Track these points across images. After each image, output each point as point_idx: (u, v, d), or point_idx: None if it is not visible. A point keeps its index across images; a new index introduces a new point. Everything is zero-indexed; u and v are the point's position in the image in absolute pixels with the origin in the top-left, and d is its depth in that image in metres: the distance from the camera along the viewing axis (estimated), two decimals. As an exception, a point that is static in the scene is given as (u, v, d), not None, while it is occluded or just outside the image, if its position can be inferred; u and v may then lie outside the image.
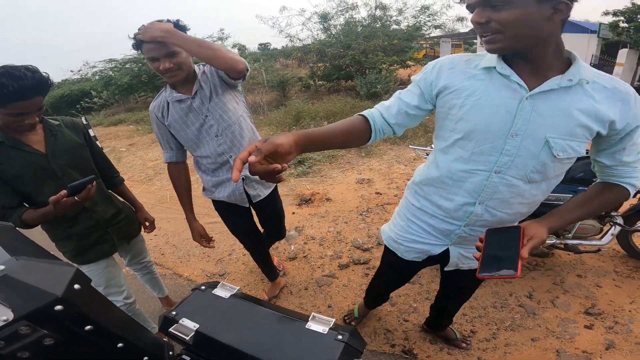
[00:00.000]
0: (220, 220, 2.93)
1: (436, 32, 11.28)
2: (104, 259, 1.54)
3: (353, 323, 2.03)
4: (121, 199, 1.71)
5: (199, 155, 1.60)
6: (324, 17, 9.73)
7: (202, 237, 1.79)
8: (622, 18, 10.88)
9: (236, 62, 1.36)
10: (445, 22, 10.31)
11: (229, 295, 0.84)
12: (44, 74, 1.17)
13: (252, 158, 0.66)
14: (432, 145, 2.29)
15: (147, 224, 1.79)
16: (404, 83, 10.01)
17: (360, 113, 1.03)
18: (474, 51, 21.62)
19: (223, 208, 1.78)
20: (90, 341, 0.52)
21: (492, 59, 0.89)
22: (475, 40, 21.10)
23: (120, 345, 0.59)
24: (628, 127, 0.85)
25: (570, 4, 0.76)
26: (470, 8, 0.82)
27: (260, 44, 30.17)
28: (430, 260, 1.25)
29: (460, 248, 1.16)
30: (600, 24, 12.33)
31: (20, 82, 1.07)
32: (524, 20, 0.76)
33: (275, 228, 2.07)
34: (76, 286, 0.48)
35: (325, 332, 0.71)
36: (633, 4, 10.51)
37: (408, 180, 3.72)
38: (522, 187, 0.94)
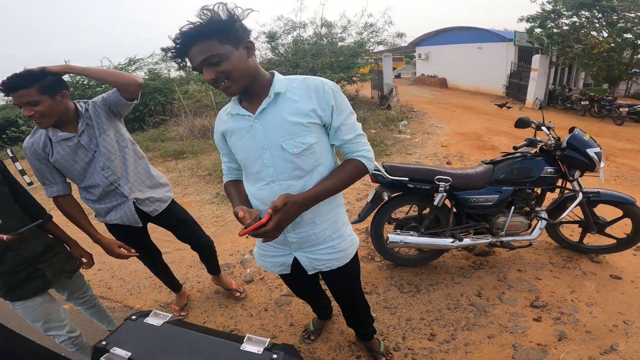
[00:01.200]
0: (169, 251, 2.79)
1: (379, 48, 11.97)
2: (38, 295, 1.48)
3: (312, 337, 2.04)
4: (52, 236, 1.62)
5: (87, 186, 1.65)
6: (272, 37, 9.87)
7: (120, 247, 1.72)
8: (535, 24, 12.05)
9: (135, 79, 1.58)
10: (387, 38, 10.95)
11: (162, 322, 0.83)
12: None
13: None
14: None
15: (84, 260, 1.70)
16: (351, 99, 10.40)
17: (226, 181, 1.37)
18: (414, 64, 23.08)
19: (117, 231, 1.83)
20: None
21: (230, 106, 1.15)
22: (414, 54, 22.30)
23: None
24: (326, 110, 1.09)
25: (253, 43, 1.05)
26: (198, 70, 0.99)
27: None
28: (296, 270, 1.34)
29: (304, 252, 1.28)
30: (515, 31, 13.48)
31: None
32: (237, 64, 0.99)
33: (189, 235, 2.10)
34: None
35: (260, 353, 0.72)
36: (543, 9, 11.85)
37: (358, 194, 3.98)
38: (296, 184, 1.12)
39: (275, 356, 0.71)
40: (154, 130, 8.67)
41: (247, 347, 0.73)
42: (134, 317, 0.85)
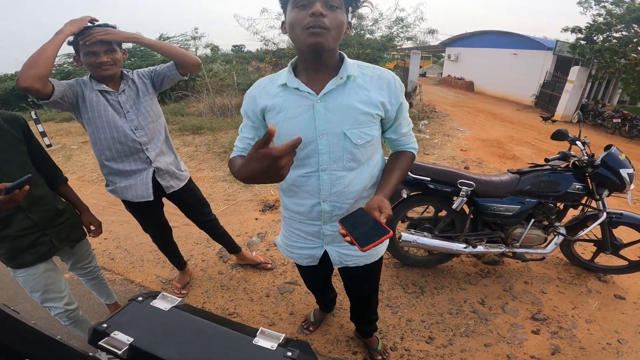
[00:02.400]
0: (177, 225, 2.81)
1: (408, 44, 11.61)
2: (41, 262, 1.44)
3: (311, 328, 2.03)
4: (64, 200, 1.60)
5: (112, 139, 1.62)
6: (302, 22, 9.72)
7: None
8: (581, 35, 11.47)
9: (196, 59, 1.71)
10: (417, 34, 10.61)
11: (170, 307, 0.77)
12: None
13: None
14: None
15: (92, 227, 1.70)
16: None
17: (233, 156, 1.17)
18: (442, 64, 22.51)
19: (133, 207, 1.86)
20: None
21: (283, 76, 1.03)
22: (443, 54, 21.75)
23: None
24: (394, 105, 1.05)
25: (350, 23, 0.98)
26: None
27: (235, 46, 29.57)
28: (323, 262, 1.30)
29: (336, 247, 1.24)
30: (557, 41, 12.90)
31: None
32: (343, 26, 0.93)
33: (196, 215, 2.14)
34: None
35: (274, 349, 0.67)
36: (594, 21, 11.26)
37: None
38: (348, 176, 1.08)
39: (289, 354, 0.66)
40: (175, 104, 8.75)
41: (259, 341, 0.68)
42: (140, 298, 0.79)
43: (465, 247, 2.27)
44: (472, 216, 2.31)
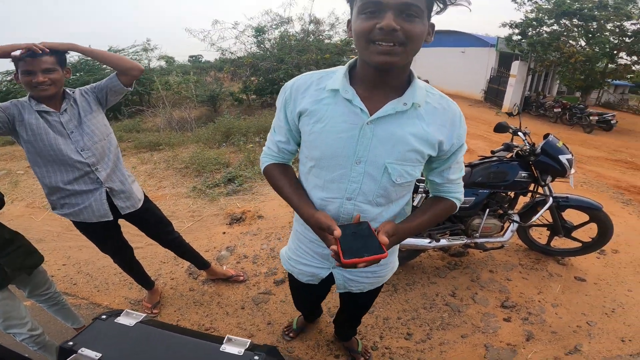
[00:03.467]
0: (141, 246, 2.69)
1: (367, 47, 11.88)
2: None
3: (291, 335, 2.02)
4: (12, 229, 1.54)
5: (58, 163, 1.56)
6: (259, 31, 9.70)
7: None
8: (516, 30, 12.36)
9: (137, 65, 1.67)
10: (374, 38, 10.89)
11: (135, 322, 0.79)
12: None
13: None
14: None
15: None
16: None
17: (267, 164, 1.08)
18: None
19: (84, 227, 1.78)
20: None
21: (337, 80, 0.86)
22: None
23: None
24: (453, 147, 0.91)
25: (434, 27, 0.80)
26: (378, 6, 0.71)
27: (191, 56, 28.84)
28: (324, 283, 1.22)
29: (342, 271, 1.14)
30: (498, 37, 13.82)
31: None
32: (421, 34, 0.75)
33: (157, 233, 2.08)
34: None
35: (241, 354, 0.70)
36: (526, 17, 12.15)
37: None
38: (371, 211, 0.95)
39: (257, 357, 0.68)
40: (129, 120, 8.38)
41: (227, 348, 0.71)
42: (103, 316, 0.80)
43: (429, 242, 2.36)
44: None
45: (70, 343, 0.71)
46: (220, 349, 0.70)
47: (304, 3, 26.12)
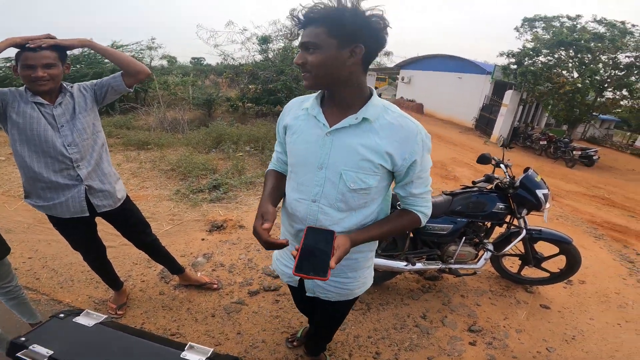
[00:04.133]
0: (115, 245, 2.64)
1: (364, 65, 11.93)
2: None
3: (295, 343, 2.01)
4: None
5: (41, 153, 1.56)
6: (264, 40, 9.78)
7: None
8: (513, 60, 12.39)
9: (145, 69, 1.70)
10: (372, 56, 10.98)
11: (94, 323, 0.77)
12: None
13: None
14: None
15: None
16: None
17: (269, 169, 1.28)
18: (396, 87, 23.58)
19: (58, 221, 1.77)
20: None
21: (309, 101, 1.05)
22: (398, 76, 22.50)
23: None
24: (406, 161, 0.99)
25: (362, 47, 0.90)
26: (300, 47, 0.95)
27: (194, 58, 28.83)
28: (301, 285, 1.29)
29: None
30: (495, 65, 13.74)
31: None
32: (326, 63, 0.91)
33: (133, 234, 2.07)
34: None
35: None
36: (524, 46, 12.17)
37: None
38: (334, 215, 1.06)
39: None
40: (121, 116, 8.29)
41: (187, 355, 0.69)
42: (61, 314, 0.79)
43: (406, 265, 2.39)
44: (411, 235, 2.44)
45: (23, 339, 0.70)
46: (181, 356, 0.69)
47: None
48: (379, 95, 1.08)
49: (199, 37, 9.19)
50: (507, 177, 2.47)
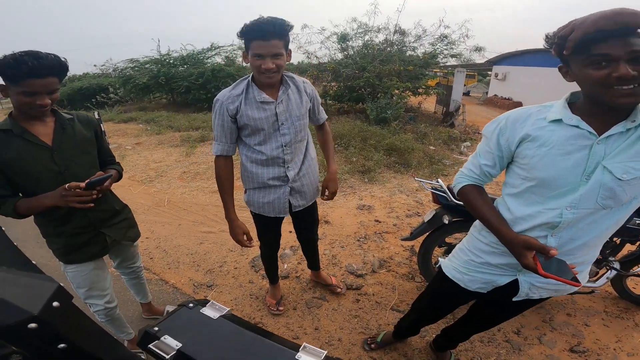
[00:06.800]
0: (214, 231, 2.88)
1: (452, 61, 11.26)
2: (92, 260, 1.50)
3: (373, 346, 2.01)
4: (122, 201, 1.67)
5: (260, 150, 1.62)
6: (343, 38, 9.82)
7: (244, 234, 1.73)
8: None
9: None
10: (462, 52, 10.25)
11: (218, 315, 0.80)
12: (62, 58, 1.21)
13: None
14: (439, 179, 2.28)
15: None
16: (413, 111, 10.06)
17: (465, 185, 1.19)
18: (487, 83, 21.64)
19: (260, 219, 1.86)
20: (60, 358, 0.50)
21: (557, 112, 0.96)
22: (489, 72, 20.79)
23: (91, 361, 0.57)
24: None
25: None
26: (605, 59, 0.81)
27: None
28: (496, 291, 1.26)
29: (531, 278, 1.16)
30: None
31: (40, 60, 1.13)
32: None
33: (306, 230, 2.16)
34: (55, 304, 0.46)
35: None
36: None
37: (409, 210, 3.78)
38: (596, 215, 0.98)
39: None
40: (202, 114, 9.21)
41: (302, 356, 0.69)
42: (191, 304, 0.82)
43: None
44: None
45: (156, 329, 0.73)
46: (296, 357, 0.69)
47: (389, 13, 25.75)
48: (468, 94, 1.00)
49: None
50: None
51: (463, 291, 1.31)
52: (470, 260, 1.27)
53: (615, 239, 2.13)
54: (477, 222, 1.29)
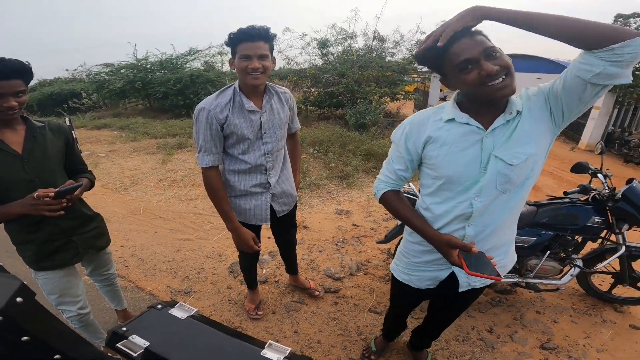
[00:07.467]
0: (192, 238, 2.86)
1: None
2: (62, 268, 1.49)
3: (372, 357, 1.98)
4: (94, 210, 1.66)
5: (242, 158, 1.63)
6: (323, 44, 9.92)
7: (253, 239, 1.75)
8: None
9: None
10: (437, 57, 10.44)
11: (186, 316, 0.81)
12: (25, 62, 1.23)
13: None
14: (410, 183, 2.36)
15: None
16: (391, 116, 10.26)
17: (386, 191, 1.22)
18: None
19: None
20: (25, 351, 0.52)
21: (449, 112, 1.05)
22: None
23: (57, 357, 0.58)
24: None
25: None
26: (468, 63, 0.91)
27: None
28: (443, 285, 1.31)
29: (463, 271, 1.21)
30: None
31: (2, 63, 1.15)
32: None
33: (285, 234, 2.19)
34: (18, 299, 0.48)
35: None
36: None
37: (386, 214, 3.86)
38: (500, 199, 1.07)
39: None
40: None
41: (267, 353, 0.71)
42: (159, 306, 0.83)
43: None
44: None
45: (124, 329, 0.74)
46: (261, 354, 0.70)
47: (368, 19, 26.17)
48: (444, 98, 1.09)
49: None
50: (606, 188, 2.19)
51: (417, 290, 1.37)
52: (410, 262, 1.34)
53: (577, 237, 2.26)
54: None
